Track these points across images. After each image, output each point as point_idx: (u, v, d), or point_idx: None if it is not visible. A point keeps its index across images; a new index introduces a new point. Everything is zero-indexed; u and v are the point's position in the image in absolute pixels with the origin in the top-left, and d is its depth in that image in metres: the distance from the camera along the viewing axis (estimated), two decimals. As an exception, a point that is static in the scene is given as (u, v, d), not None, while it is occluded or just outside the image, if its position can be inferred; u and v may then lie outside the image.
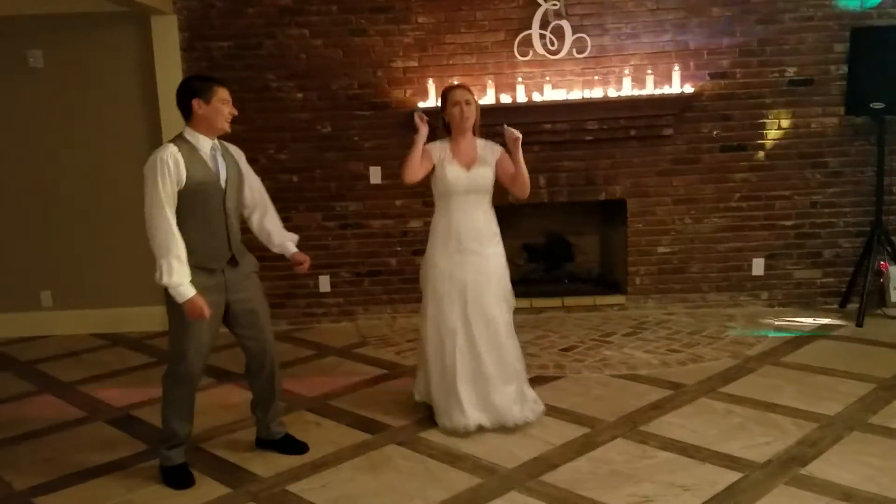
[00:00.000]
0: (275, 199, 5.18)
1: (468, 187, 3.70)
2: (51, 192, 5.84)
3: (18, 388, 4.73)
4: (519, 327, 5.30)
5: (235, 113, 3.25)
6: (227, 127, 3.22)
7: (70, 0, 5.43)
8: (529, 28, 5.46)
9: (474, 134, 3.81)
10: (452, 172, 3.68)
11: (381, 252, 5.80)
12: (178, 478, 3.32)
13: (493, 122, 5.43)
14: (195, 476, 3.35)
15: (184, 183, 3.07)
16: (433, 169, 3.73)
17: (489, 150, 3.78)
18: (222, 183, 3.21)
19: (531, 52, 5.50)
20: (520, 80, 5.51)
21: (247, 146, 5.51)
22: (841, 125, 5.50)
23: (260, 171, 5.60)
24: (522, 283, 5.95)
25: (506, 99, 5.49)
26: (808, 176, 5.59)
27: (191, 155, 3.11)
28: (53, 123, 5.77)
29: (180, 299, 3.07)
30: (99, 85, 5.74)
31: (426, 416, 3.87)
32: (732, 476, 3.16)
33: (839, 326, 5.24)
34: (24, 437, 3.93)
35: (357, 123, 5.67)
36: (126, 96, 5.75)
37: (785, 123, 5.53)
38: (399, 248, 5.76)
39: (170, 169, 3.03)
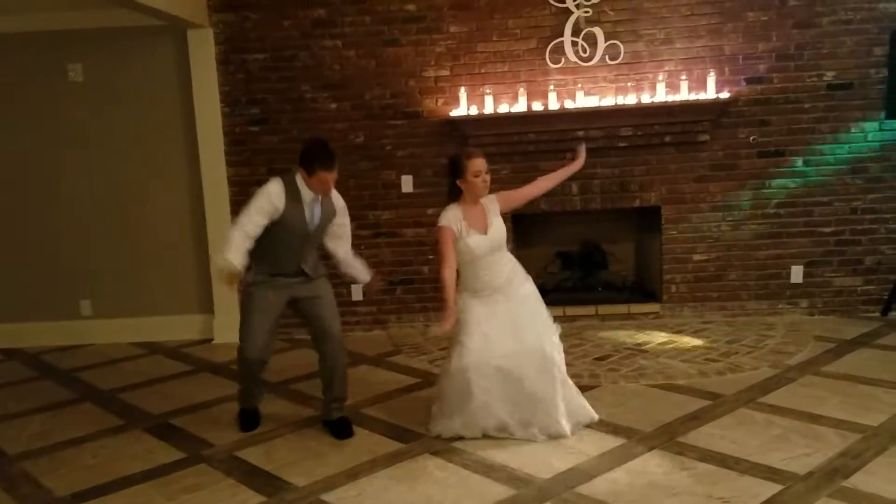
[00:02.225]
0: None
1: (491, 248, 3.71)
2: (90, 203, 5.96)
3: (59, 396, 4.81)
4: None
5: (331, 189, 3.73)
6: (325, 194, 3.75)
7: (109, 15, 5.53)
8: (561, 35, 5.45)
9: None
10: (475, 242, 3.68)
11: (413, 261, 5.81)
12: (245, 419, 4.03)
13: (525, 129, 5.50)
14: (232, 484, 3.39)
15: (277, 218, 3.63)
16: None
17: (491, 204, 3.77)
18: (311, 229, 3.74)
19: (563, 60, 5.48)
20: (552, 87, 5.50)
21: (281, 156, 5.72)
22: (881, 129, 5.39)
23: (294, 181, 5.77)
24: (556, 291, 5.93)
25: (538, 106, 5.48)
26: (848, 181, 5.49)
27: (292, 199, 3.65)
28: (93, 135, 5.89)
29: (222, 266, 3.56)
30: (137, 97, 5.85)
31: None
32: (773, 488, 3.09)
33: (881, 335, 5.12)
34: (65, 444, 3.99)
35: (390, 133, 5.70)
36: (163, 108, 5.85)
37: (824, 128, 5.44)
38: (432, 257, 5.76)
39: (271, 202, 3.61)
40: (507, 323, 3.68)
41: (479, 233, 3.68)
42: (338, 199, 3.89)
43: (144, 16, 5.15)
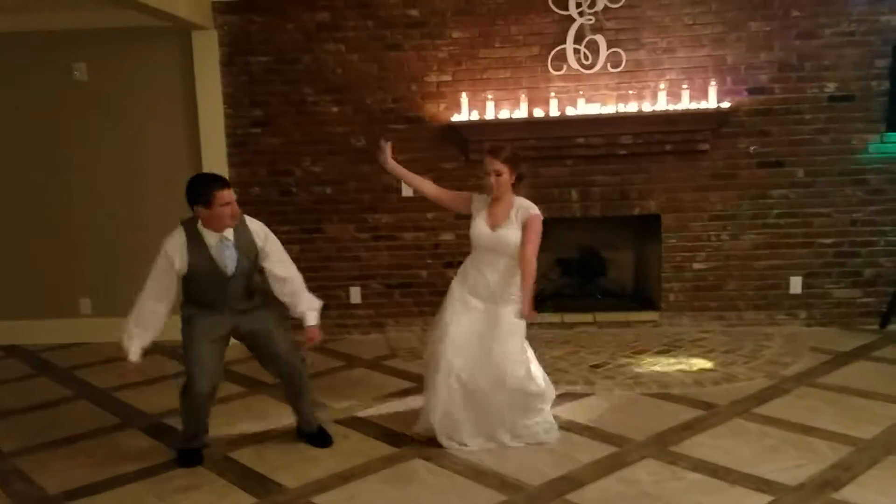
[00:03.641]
0: (309, 211, 5.26)
1: (488, 247, 3.71)
2: (91, 201, 5.98)
3: (55, 394, 4.84)
4: (549, 342, 5.34)
5: (238, 212, 3.47)
6: (230, 224, 3.47)
7: (114, 15, 5.55)
8: (564, 43, 5.46)
9: (516, 193, 3.76)
10: (477, 228, 3.72)
11: (412, 264, 5.82)
12: (186, 457, 3.65)
13: (526, 135, 5.50)
14: (224, 485, 3.40)
15: (185, 270, 3.47)
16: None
17: (520, 212, 3.68)
18: (227, 272, 3.50)
19: (565, 67, 5.49)
20: (553, 94, 5.50)
21: (283, 158, 5.73)
22: (882, 142, 5.39)
23: (296, 183, 5.81)
24: (555, 298, 5.94)
25: (539, 113, 5.49)
26: (849, 193, 5.48)
27: (196, 249, 3.45)
28: (96, 134, 5.91)
29: (124, 354, 3.49)
30: (141, 97, 5.87)
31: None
32: (763, 499, 3.10)
33: (878, 347, 5.11)
34: (60, 442, 4.01)
35: (391, 137, 5.67)
36: (167, 109, 5.88)
37: (824, 139, 5.44)
38: (430, 261, 5.78)
39: (168, 260, 3.46)
40: (477, 328, 3.68)
41: (486, 224, 3.70)
42: (253, 224, 3.62)
43: (150, 17, 5.17)
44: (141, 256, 5.93)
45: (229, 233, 3.51)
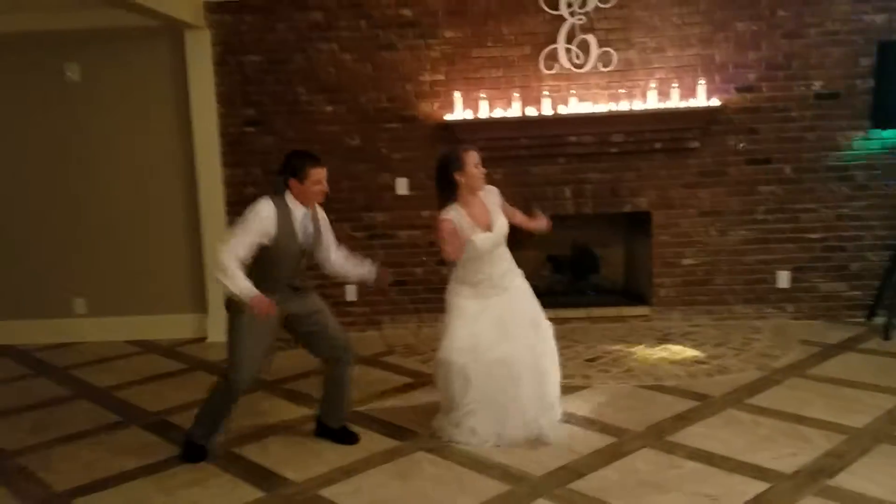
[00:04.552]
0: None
1: (495, 243, 3.77)
2: (85, 201, 5.99)
3: (54, 393, 4.85)
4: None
5: (327, 191, 3.58)
6: (318, 201, 3.60)
7: (106, 15, 5.55)
8: (555, 42, 5.53)
9: None
10: (480, 240, 3.69)
11: (407, 262, 5.87)
12: (192, 451, 3.65)
13: (519, 134, 5.57)
14: (230, 479, 3.44)
15: (270, 242, 3.45)
16: None
17: (492, 198, 3.81)
18: (306, 247, 3.60)
19: (557, 66, 5.56)
20: (546, 93, 5.57)
21: (277, 158, 5.67)
22: (867, 138, 5.50)
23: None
24: (548, 295, 5.99)
25: (531, 112, 5.55)
26: (835, 189, 5.60)
27: (284, 220, 3.48)
28: (89, 134, 5.92)
29: (247, 298, 3.32)
30: (133, 97, 5.88)
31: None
32: (760, 486, 3.18)
33: (865, 339, 5.23)
34: (63, 440, 4.03)
35: (385, 136, 5.76)
36: (160, 108, 5.90)
37: (811, 137, 5.55)
38: (425, 258, 5.83)
39: (262, 226, 3.42)
40: (497, 321, 3.73)
41: (483, 230, 3.72)
42: (321, 212, 3.74)
43: (142, 17, 5.18)
44: (135, 256, 6.03)
45: (307, 211, 3.60)
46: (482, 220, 3.73)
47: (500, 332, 3.72)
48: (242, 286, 3.33)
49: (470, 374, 3.66)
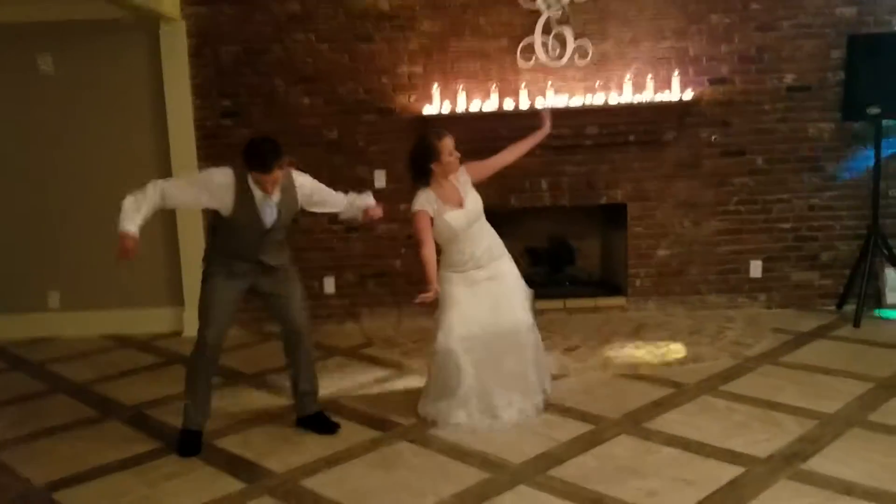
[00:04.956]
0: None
1: (469, 221, 3.83)
2: (59, 194, 5.92)
3: (31, 388, 4.80)
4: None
5: (274, 184, 3.50)
6: (270, 192, 3.52)
7: (80, 6, 5.49)
8: (532, 34, 5.56)
9: None
10: (453, 218, 3.78)
11: (386, 254, 5.88)
12: (187, 441, 3.68)
13: (496, 126, 5.58)
14: (211, 471, 3.44)
15: (226, 212, 3.50)
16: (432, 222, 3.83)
17: (462, 176, 3.89)
18: (267, 227, 3.59)
19: (534, 59, 5.59)
20: (523, 85, 5.60)
21: (255, 150, 5.70)
22: (838, 130, 5.61)
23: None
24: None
25: (509, 104, 5.58)
26: (806, 180, 5.70)
27: (242, 197, 3.48)
28: (63, 126, 5.84)
29: (120, 229, 3.40)
30: (108, 89, 5.82)
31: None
32: (735, 471, 3.25)
33: (836, 327, 5.34)
34: (41, 434, 4.00)
35: (363, 128, 5.76)
36: (135, 100, 5.84)
37: (783, 128, 5.64)
38: (404, 251, 5.84)
39: (213, 191, 3.48)
40: (486, 302, 3.83)
41: (455, 208, 3.78)
42: (299, 177, 3.71)
43: (116, 7, 5.13)
44: (110, 249, 5.93)
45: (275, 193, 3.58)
46: (454, 199, 3.81)
47: (494, 314, 3.82)
48: (126, 217, 3.38)
49: (468, 361, 3.75)
